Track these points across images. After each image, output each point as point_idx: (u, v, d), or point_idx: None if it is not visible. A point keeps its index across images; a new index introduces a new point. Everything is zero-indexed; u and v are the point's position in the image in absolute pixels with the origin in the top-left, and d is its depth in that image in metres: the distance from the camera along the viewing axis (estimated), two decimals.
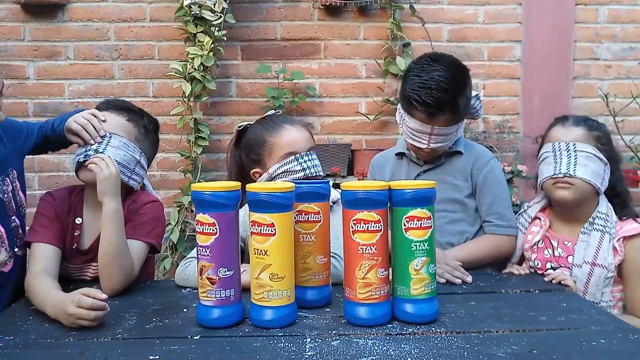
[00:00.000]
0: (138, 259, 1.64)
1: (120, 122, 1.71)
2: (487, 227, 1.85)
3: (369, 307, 1.29)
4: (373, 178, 2.01)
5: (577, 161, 1.73)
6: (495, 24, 3.16)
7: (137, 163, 1.72)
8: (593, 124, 1.82)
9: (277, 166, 1.73)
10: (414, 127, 1.78)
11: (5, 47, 3.04)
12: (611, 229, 1.76)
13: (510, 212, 1.86)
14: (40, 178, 3.08)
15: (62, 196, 1.74)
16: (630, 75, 3.15)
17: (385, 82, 3.14)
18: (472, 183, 1.86)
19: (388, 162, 1.99)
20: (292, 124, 1.79)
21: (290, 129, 1.77)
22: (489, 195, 1.84)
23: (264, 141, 1.77)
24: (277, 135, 1.76)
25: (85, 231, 1.72)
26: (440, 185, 1.73)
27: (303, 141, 1.77)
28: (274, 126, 1.78)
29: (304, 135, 1.78)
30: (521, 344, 1.17)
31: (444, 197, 1.80)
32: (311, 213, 1.41)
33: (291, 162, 1.73)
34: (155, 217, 1.73)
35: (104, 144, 1.65)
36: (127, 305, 1.49)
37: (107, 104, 1.79)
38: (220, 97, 3.10)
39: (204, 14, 2.79)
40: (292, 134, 1.76)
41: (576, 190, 1.74)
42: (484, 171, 1.85)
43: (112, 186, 1.59)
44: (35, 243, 1.63)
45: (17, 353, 1.19)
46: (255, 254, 1.28)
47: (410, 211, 1.29)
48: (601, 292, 1.74)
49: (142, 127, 1.76)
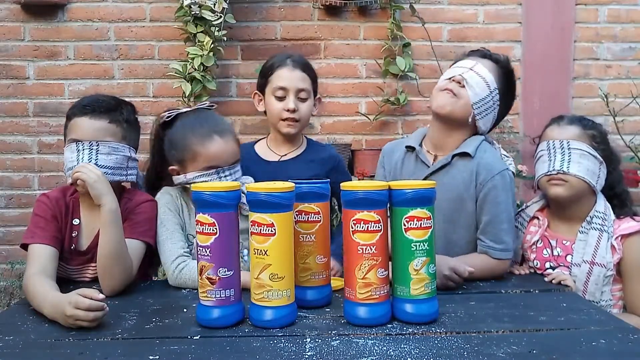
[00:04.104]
0: (136, 258, 1.64)
1: (103, 126, 1.67)
2: (481, 246, 1.74)
3: (369, 307, 1.29)
4: (382, 165, 1.95)
5: (571, 158, 1.74)
6: (495, 24, 3.16)
7: (129, 159, 1.72)
8: (588, 123, 1.83)
9: (196, 174, 1.69)
10: (459, 64, 1.84)
11: (5, 47, 3.04)
12: (609, 227, 1.76)
13: (508, 234, 1.73)
14: (41, 178, 3.08)
15: (57, 197, 1.72)
16: (630, 75, 3.15)
17: (385, 82, 3.14)
18: (475, 194, 1.75)
19: (397, 151, 1.92)
20: (221, 134, 1.71)
21: (218, 142, 1.69)
22: (487, 214, 1.73)
23: (189, 146, 1.70)
24: (203, 146, 1.69)
25: (83, 232, 1.71)
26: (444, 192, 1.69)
27: (228, 155, 1.71)
28: (203, 134, 1.70)
29: (230, 148, 1.73)
30: (521, 344, 1.17)
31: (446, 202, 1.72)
32: (311, 213, 1.42)
33: (211, 174, 1.69)
34: (151, 217, 1.73)
35: (94, 154, 1.64)
36: (127, 305, 1.49)
37: (82, 109, 1.69)
38: (220, 97, 3.10)
39: (204, 14, 2.79)
40: (219, 148, 1.69)
41: (570, 187, 1.75)
42: (487, 187, 1.73)
43: (104, 186, 1.59)
44: (32, 245, 1.61)
45: (17, 353, 1.19)
46: (255, 254, 1.28)
47: (410, 211, 1.29)
48: (601, 291, 1.74)
49: (124, 122, 1.73)
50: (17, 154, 3.07)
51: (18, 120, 3.06)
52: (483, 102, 1.77)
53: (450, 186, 1.75)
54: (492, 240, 1.72)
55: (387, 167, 1.93)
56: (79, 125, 1.67)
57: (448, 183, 1.75)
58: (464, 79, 1.76)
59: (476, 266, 1.64)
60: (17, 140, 3.07)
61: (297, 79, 1.95)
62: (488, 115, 1.81)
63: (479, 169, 1.74)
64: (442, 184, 1.72)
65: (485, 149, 1.79)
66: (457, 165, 1.78)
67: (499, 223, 1.72)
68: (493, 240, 1.72)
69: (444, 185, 1.72)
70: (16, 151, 3.07)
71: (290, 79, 1.95)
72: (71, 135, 1.68)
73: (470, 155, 1.76)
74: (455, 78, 1.79)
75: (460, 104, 1.76)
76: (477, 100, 1.76)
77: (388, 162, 1.93)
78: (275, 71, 1.97)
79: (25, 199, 3.07)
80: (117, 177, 1.69)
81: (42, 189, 3.03)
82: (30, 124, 3.06)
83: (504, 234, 1.72)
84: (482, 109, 1.78)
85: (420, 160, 1.85)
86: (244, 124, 3.13)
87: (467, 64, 1.81)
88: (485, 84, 1.77)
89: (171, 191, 1.81)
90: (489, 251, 1.72)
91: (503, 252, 1.72)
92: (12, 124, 3.06)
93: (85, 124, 1.66)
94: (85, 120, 1.67)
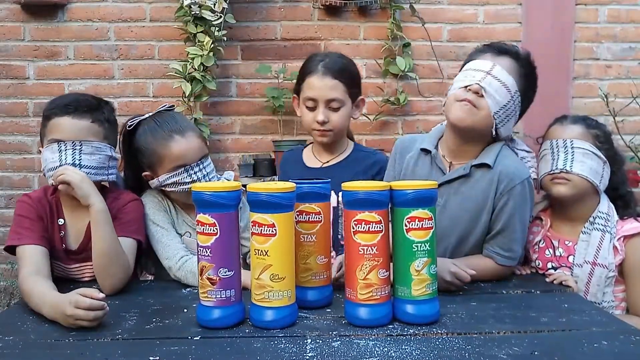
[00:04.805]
0: (131, 255, 1.65)
1: (86, 126, 1.66)
2: (487, 250, 1.69)
3: (370, 308, 1.28)
4: (393, 159, 1.85)
5: (574, 157, 1.74)
6: (495, 24, 3.15)
7: (110, 158, 1.72)
8: (592, 123, 1.83)
9: (166, 176, 1.71)
10: (475, 66, 1.68)
11: (5, 47, 3.03)
12: (612, 228, 1.76)
13: (519, 244, 1.69)
14: (41, 178, 3.07)
15: (39, 196, 1.71)
16: (630, 75, 3.14)
17: (385, 82, 3.13)
18: (493, 204, 1.67)
19: (411, 150, 1.81)
20: (182, 133, 1.72)
21: (179, 141, 1.71)
22: (501, 222, 1.66)
23: (153, 151, 1.72)
24: (166, 148, 1.70)
25: (69, 231, 1.71)
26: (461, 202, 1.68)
27: (193, 152, 1.72)
28: (164, 136, 1.71)
29: (194, 145, 1.73)
30: (522, 345, 1.17)
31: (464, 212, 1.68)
32: (312, 213, 1.41)
33: (181, 173, 1.71)
34: (139, 215, 1.74)
35: (77, 154, 1.63)
36: (127, 305, 1.49)
37: (64, 109, 1.66)
38: (220, 97, 3.09)
39: (204, 14, 2.78)
40: (181, 146, 1.71)
41: (573, 186, 1.74)
42: (506, 196, 1.65)
43: (90, 187, 1.59)
44: (21, 246, 1.60)
45: (17, 353, 1.18)
46: (256, 255, 1.28)
47: (411, 212, 1.28)
48: (602, 292, 1.74)
49: (106, 121, 1.72)
50: (17, 154, 3.07)
51: (18, 120, 3.06)
52: (504, 110, 1.65)
53: (468, 196, 1.68)
54: (501, 247, 1.67)
55: (399, 164, 1.82)
56: (60, 124, 1.65)
57: (466, 192, 1.69)
58: (483, 88, 1.62)
59: (478, 269, 1.61)
60: (17, 140, 3.06)
61: (327, 88, 1.83)
62: (510, 120, 1.69)
63: (500, 177, 1.66)
64: (460, 192, 1.69)
65: (505, 155, 1.71)
66: (476, 175, 1.69)
67: (512, 232, 1.67)
68: (501, 247, 1.67)
69: (461, 194, 1.69)
70: (16, 151, 3.07)
71: (320, 88, 1.84)
72: (52, 135, 1.65)
73: (489, 166, 1.67)
74: (472, 88, 1.63)
75: (481, 115, 1.64)
76: (498, 109, 1.64)
77: (400, 160, 1.83)
78: (307, 78, 1.87)
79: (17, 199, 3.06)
80: (99, 177, 1.68)
81: None
82: (30, 124, 3.05)
83: (514, 243, 1.68)
84: (504, 117, 1.66)
85: (436, 165, 1.75)
86: (244, 124, 3.13)
87: (483, 66, 1.66)
88: (505, 89, 1.64)
89: (155, 194, 1.82)
90: (495, 257, 1.67)
91: (509, 259, 1.68)
92: (12, 124, 3.06)
93: (67, 123, 1.64)
94: (67, 120, 1.65)
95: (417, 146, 1.81)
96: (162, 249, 1.72)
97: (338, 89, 1.85)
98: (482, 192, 1.67)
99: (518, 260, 1.73)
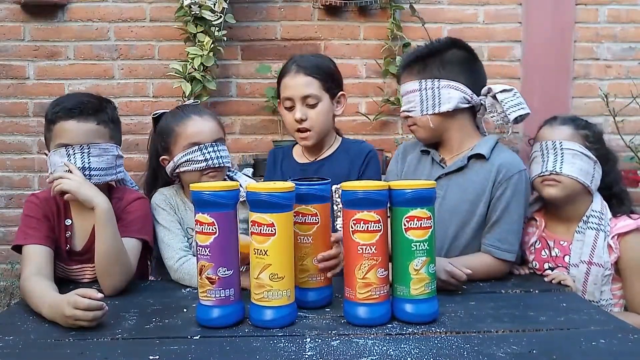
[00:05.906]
0: (134, 256, 1.65)
1: (92, 129, 1.66)
2: (485, 245, 1.72)
3: (369, 307, 1.29)
4: (397, 159, 1.94)
5: (564, 159, 1.75)
6: (495, 24, 3.15)
7: (117, 157, 1.73)
8: (581, 123, 1.83)
9: (180, 155, 1.75)
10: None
11: (5, 47, 3.04)
12: (606, 226, 1.76)
13: (515, 236, 1.72)
14: (41, 178, 3.08)
15: (46, 197, 1.72)
16: (630, 75, 3.14)
17: (385, 82, 3.14)
18: (491, 194, 1.73)
19: (413, 151, 1.91)
20: (200, 114, 1.80)
21: (196, 120, 1.78)
22: (497, 212, 1.71)
23: (171, 130, 1.79)
24: (182, 125, 1.77)
25: (76, 232, 1.71)
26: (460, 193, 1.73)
27: (208, 132, 1.77)
28: (182, 116, 1.79)
29: (210, 126, 1.79)
30: (521, 344, 1.17)
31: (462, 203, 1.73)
32: (308, 215, 1.41)
33: (194, 152, 1.74)
34: (144, 214, 1.74)
35: (86, 158, 1.64)
36: (127, 305, 1.49)
37: (69, 113, 1.65)
38: (220, 97, 3.10)
39: (204, 14, 2.79)
40: (197, 125, 1.77)
41: (564, 188, 1.75)
42: (504, 185, 1.71)
43: (91, 189, 1.59)
44: (26, 246, 1.61)
45: (17, 353, 1.19)
46: (255, 254, 1.28)
47: (410, 211, 1.29)
48: (600, 290, 1.74)
49: (110, 122, 1.73)
50: (17, 154, 3.07)
51: (18, 120, 3.06)
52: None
53: (466, 187, 1.74)
54: (498, 239, 1.70)
55: (402, 163, 1.92)
56: (66, 129, 1.64)
57: (464, 183, 1.75)
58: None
59: (475, 268, 1.62)
60: (17, 140, 3.07)
61: (301, 85, 1.84)
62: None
63: (499, 168, 1.72)
64: (458, 184, 1.75)
65: (502, 149, 1.79)
66: (474, 167, 1.76)
67: (509, 223, 1.70)
68: (498, 239, 1.70)
69: (459, 186, 1.75)
70: (16, 151, 3.07)
71: (294, 86, 1.84)
72: (59, 140, 1.65)
73: (484, 157, 1.74)
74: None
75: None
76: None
77: (402, 160, 1.92)
78: (282, 80, 1.89)
79: (25, 199, 3.06)
80: (108, 178, 1.69)
81: (42, 189, 3.02)
82: (30, 124, 3.06)
83: (510, 235, 1.71)
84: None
85: (436, 162, 1.83)
86: (244, 124, 3.13)
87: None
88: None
89: (164, 191, 1.85)
90: (492, 250, 1.70)
91: (506, 252, 1.70)
92: (12, 124, 3.06)
93: (74, 127, 1.64)
94: (73, 124, 1.64)
95: (418, 149, 1.90)
96: (164, 248, 1.73)
97: (312, 85, 1.84)
98: (480, 183, 1.73)
99: (515, 257, 1.74)
